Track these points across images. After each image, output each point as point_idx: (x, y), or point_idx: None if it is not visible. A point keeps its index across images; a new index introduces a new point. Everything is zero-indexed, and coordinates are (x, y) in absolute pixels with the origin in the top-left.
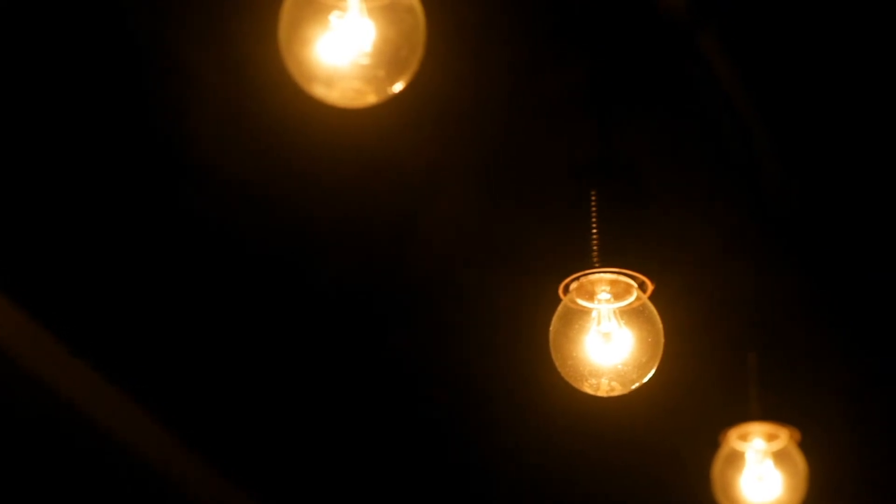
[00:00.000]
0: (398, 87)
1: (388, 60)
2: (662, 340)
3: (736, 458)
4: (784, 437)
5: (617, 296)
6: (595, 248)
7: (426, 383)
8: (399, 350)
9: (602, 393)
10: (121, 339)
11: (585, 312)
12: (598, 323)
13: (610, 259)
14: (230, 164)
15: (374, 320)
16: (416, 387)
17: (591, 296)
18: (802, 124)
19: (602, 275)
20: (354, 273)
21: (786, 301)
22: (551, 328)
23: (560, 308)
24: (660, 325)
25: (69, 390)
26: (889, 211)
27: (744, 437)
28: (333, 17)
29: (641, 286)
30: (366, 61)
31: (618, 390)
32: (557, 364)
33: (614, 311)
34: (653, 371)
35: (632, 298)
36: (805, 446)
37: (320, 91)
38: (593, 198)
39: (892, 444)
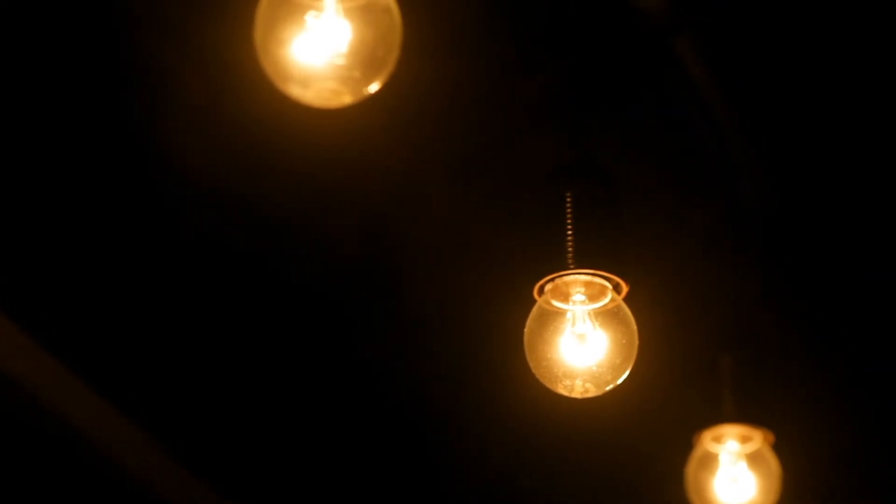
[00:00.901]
0: (374, 87)
1: (364, 61)
2: (637, 342)
3: (709, 460)
4: (758, 439)
5: (592, 297)
6: (570, 249)
7: (399, 383)
8: (372, 350)
9: (576, 394)
10: (90, 334)
11: (560, 314)
12: (573, 324)
13: (584, 260)
14: (204, 164)
15: (347, 320)
16: (389, 387)
17: (565, 297)
18: (777, 126)
19: (577, 276)
20: (328, 273)
21: (760, 303)
22: (526, 329)
23: (535, 309)
24: (634, 327)
25: (25, 374)
26: (863, 212)
27: (717, 439)
28: (309, 17)
29: (616, 288)
30: (342, 62)
31: (592, 392)
32: (532, 365)
33: (589, 313)
34: (627, 372)
35: (606, 300)
36: (779, 448)
37: (296, 91)
38: (568, 199)
39: (865, 446)
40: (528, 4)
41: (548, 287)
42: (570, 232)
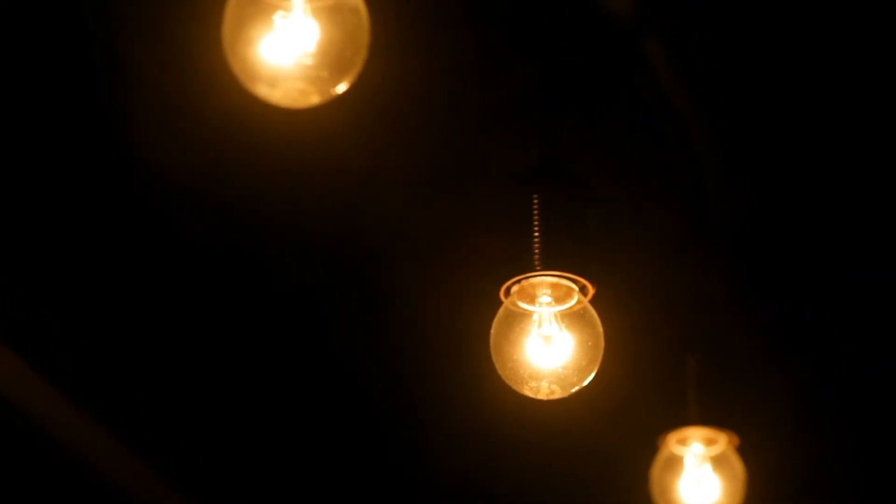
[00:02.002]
0: (342, 87)
1: (332, 61)
2: (603, 344)
3: (674, 463)
4: (722, 441)
5: (558, 299)
6: (537, 251)
7: (365, 384)
8: (338, 350)
9: (542, 396)
10: (55, 329)
11: (526, 315)
12: (539, 326)
13: (551, 262)
14: (173, 163)
15: (315, 320)
16: (355, 387)
17: (532, 299)
18: (745, 129)
19: (543, 278)
20: (294, 273)
21: (726, 306)
22: (492, 331)
23: (501, 311)
24: (600, 329)
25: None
26: (830, 215)
27: (682, 442)
28: (277, 17)
29: (582, 290)
30: (309, 62)
31: (558, 393)
32: (498, 366)
33: (555, 315)
34: (593, 374)
35: (573, 302)
36: (743, 451)
37: (263, 91)
38: (535, 201)
39: (830, 449)
40: (497, 6)
41: (514, 288)
42: (536, 234)
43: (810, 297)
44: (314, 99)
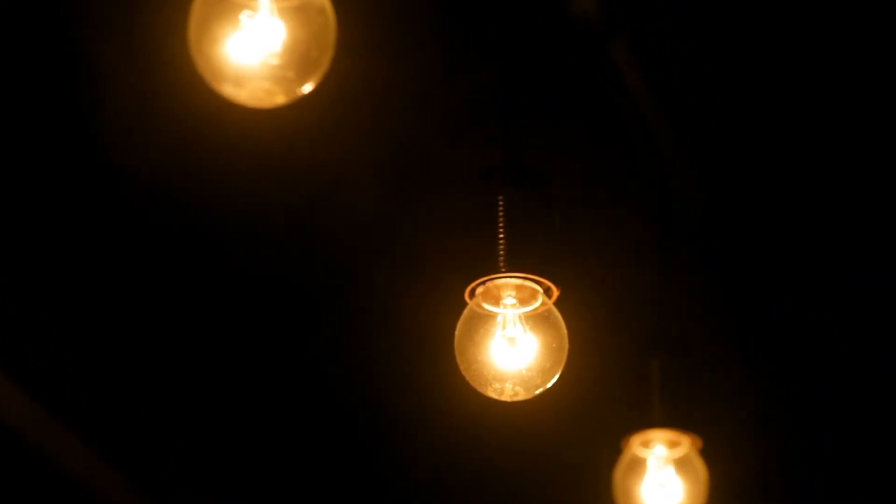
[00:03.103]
0: (308, 87)
1: (298, 61)
2: (567, 346)
3: (637, 465)
4: (686, 444)
5: (522, 301)
6: (501, 252)
7: (330, 384)
8: (303, 351)
9: (506, 398)
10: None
11: (491, 317)
12: (503, 327)
13: (516, 264)
14: (138, 162)
15: (278, 320)
16: (320, 387)
17: (496, 300)
18: (710, 132)
19: (508, 280)
20: (260, 274)
21: (690, 309)
22: (456, 332)
23: (465, 312)
24: (564, 331)
25: None
26: (793, 220)
27: (646, 444)
28: (244, 17)
29: (547, 292)
30: (276, 61)
31: (521, 395)
32: (462, 368)
33: (519, 316)
34: (557, 376)
35: (537, 304)
36: (706, 454)
37: (229, 90)
38: (500, 203)
39: (793, 452)
40: (463, 7)
41: (479, 290)
42: (501, 235)
43: (773, 301)
44: (280, 99)
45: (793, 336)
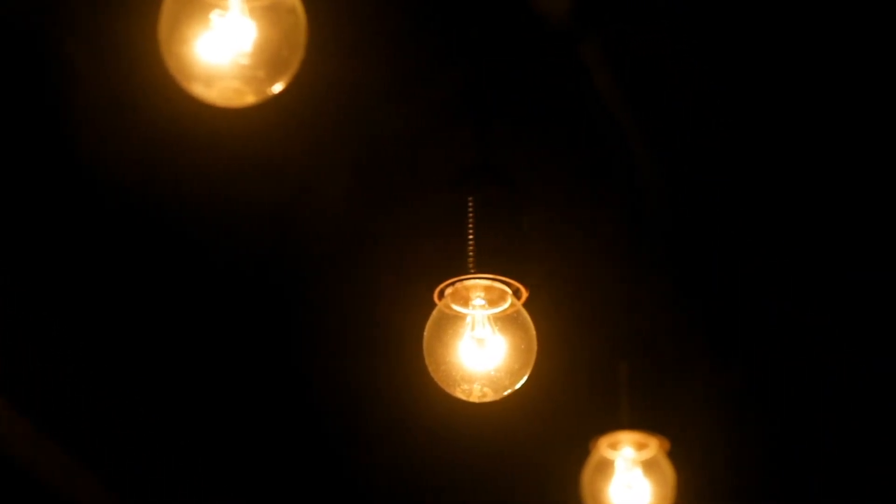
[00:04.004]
0: (278, 87)
1: (269, 61)
2: (535, 348)
3: (605, 466)
4: (653, 446)
5: (491, 302)
6: (471, 254)
7: (298, 384)
8: (272, 351)
9: (474, 399)
10: None
11: (460, 318)
12: (472, 329)
13: (485, 265)
14: (108, 161)
15: (248, 319)
16: (288, 387)
17: (465, 301)
18: (681, 134)
19: (477, 281)
20: (230, 273)
21: (659, 310)
22: (425, 333)
23: (434, 313)
24: (533, 333)
25: None
26: (763, 221)
27: (614, 446)
28: (214, 16)
29: (516, 293)
30: (246, 61)
31: (490, 396)
32: (430, 369)
33: (488, 318)
34: (525, 378)
35: (506, 305)
36: (674, 455)
37: (199, 90)
38: (470, 204)
39: (760, 454)
40: (435, 8)
41: (448, 291)
42: (471, 236)
43: (743, 302)
44: (250, 98)
45: (761, 338)
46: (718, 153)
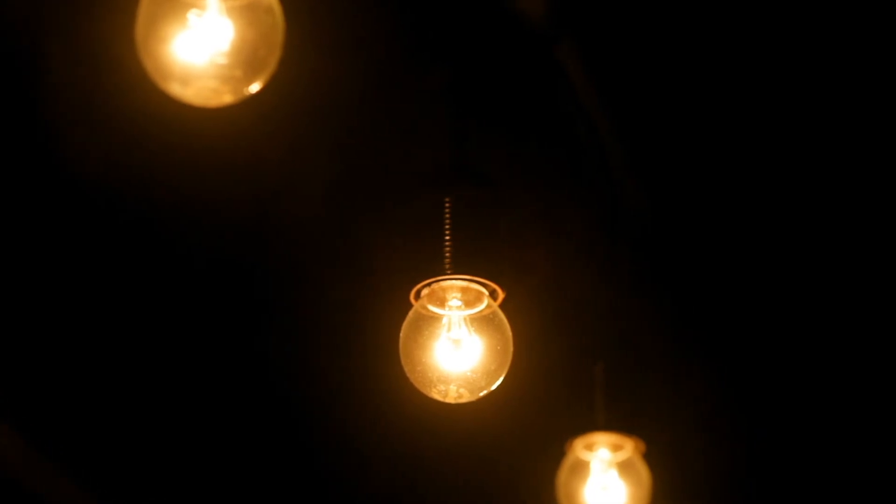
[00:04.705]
0: (255, 87)
1: (246, 60)
2: (511, 349)
3: (581, 468)
4: (629, 447)
5: (468, 303)
6: (447, 255)
7: (273, 383)
8: (247, 351)
9: (450, 400)
10: None
11: (436, 319)
12: (449, 329)
13: (461, 267)
14: (85, 160)
15: (223, 320)
16: (264, 387)
17: (442, 302)
18: (657, 137)
19: (453, 282)
20: (205, 273)
21: (635, 313)
22: (401, 333)
23: (411, 314)
24: (509, 334)
25: None
26: (737, 224)
27: (589, 447)
28: (192, 16)
29: (492, 294)
30: (223, 61)
31: (466, 397)
32: (407, 370)
33: (465, 319)
34: (501, 379)
35: (482, 306)
36: (649, 457)
37: (176, 89)
38: (447, 205)
39: (735, 456)
40: (411, 8)
41: (424, 292)
42: (447, 237)
43: (718, 304)
44: (227, 98)
45: (737, 340)
46: (694, 155)
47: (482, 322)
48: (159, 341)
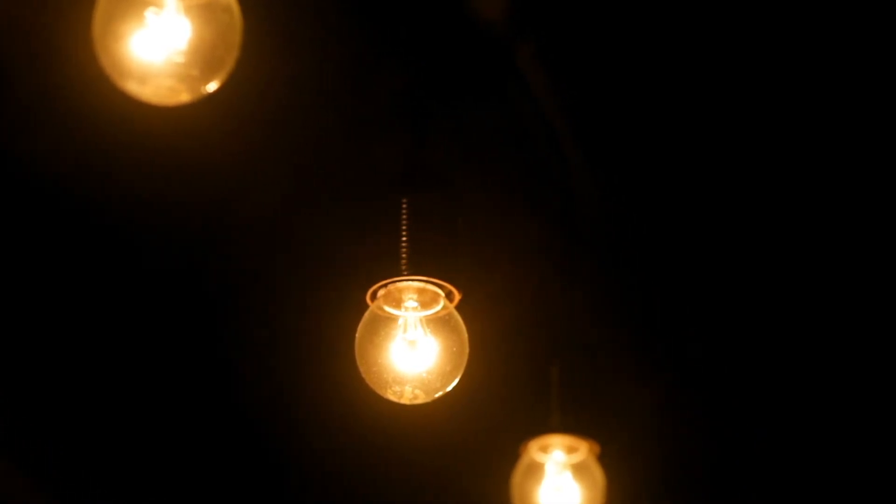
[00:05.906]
0: (212, 86)
1: (203, 59)
2: (467, 350)
3: (535, 470)
4: (583, 449)
5: (424, 304)
6: (404, 256)
7: (230, 384)
8: (200, 351)
9: (405, 401)
10: None
11: (392, 319)
12: (404, 330)
13: (418, 267)
14: (39, 159)
15: (182, 321)
16: (221, 387)
17: (398, 303)
18: (614, 138)
19: (409, 283)
20: (162, 274)
21: (590, 314)
22: (357, 334)
23: (366, 314)
24: (465, 335)
25: None
26: (697, 225)
27: (544, 449)
28: (149, 14)
29: (448, 295)
30: (180, 59)
31: (421, 398)
32: (362, 370)
33: (420, 320)
34: (456, 380)
35: (438, 307)
36: (604, 459)
37: (133, 87)
38: (404, 206)
39: (689, 458)
40: (371, 9)
41: (381, 293)
42: (404, 238)
43: (674, 306)
44: (184, 97)
45: (693, 342)
46: (654, 156)
47: (438, 323)
48: (110, 343)
